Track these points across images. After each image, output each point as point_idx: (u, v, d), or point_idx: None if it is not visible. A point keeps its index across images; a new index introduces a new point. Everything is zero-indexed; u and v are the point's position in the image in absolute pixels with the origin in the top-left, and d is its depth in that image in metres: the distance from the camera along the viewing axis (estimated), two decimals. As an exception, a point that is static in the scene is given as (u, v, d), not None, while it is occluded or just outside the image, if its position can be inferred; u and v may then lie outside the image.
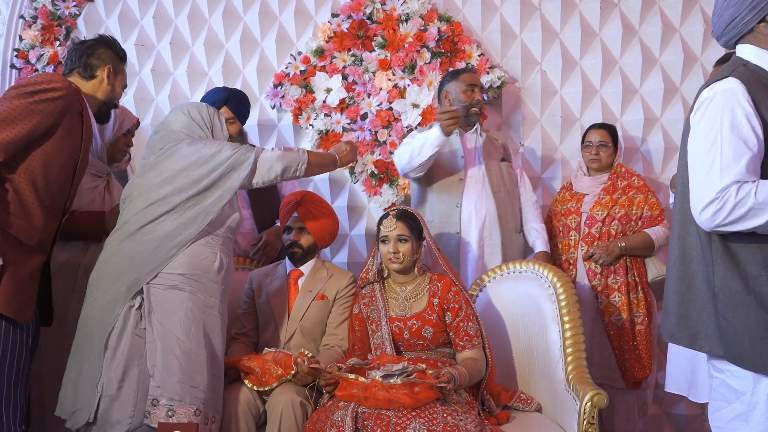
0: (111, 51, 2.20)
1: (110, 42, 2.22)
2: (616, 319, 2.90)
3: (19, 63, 3.62)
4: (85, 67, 2.14)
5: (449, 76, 3.02)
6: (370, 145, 3.37)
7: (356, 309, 2.46)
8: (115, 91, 2.21)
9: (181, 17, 3.60)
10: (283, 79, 3.44)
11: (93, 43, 2.18)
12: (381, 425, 1.94)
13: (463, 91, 2.93)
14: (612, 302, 2.91)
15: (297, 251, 2.56)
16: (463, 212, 2.88)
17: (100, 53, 2.16)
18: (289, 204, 2.58)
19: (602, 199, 3.00)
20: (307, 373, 2.20)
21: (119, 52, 2.23)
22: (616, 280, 2.92)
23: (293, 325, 2.48)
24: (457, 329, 2.31)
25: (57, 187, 1.93)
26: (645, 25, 3.54)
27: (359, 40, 3.40)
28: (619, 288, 2.91)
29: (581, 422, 2.11)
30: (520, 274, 2.60)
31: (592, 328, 2.92)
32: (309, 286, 2.54)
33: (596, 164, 3.08)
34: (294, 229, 2.56)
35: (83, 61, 2.14)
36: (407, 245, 2.35)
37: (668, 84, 3.50)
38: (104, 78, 2.16)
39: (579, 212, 3.04)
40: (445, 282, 2.37)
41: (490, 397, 2.31)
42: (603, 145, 3.06)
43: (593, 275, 2.95)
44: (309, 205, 2.57)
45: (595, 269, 2.95)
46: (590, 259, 2.95)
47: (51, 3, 3.61)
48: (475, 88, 2.93)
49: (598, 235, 2.96)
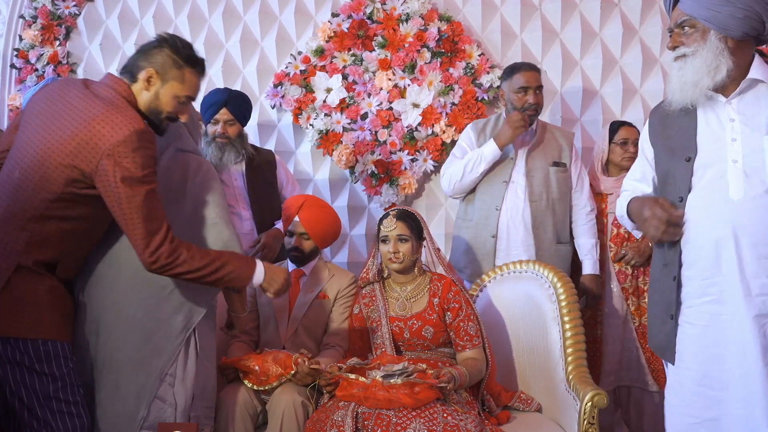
0: (168, 52, 1.84)
1: (172, 42, 1.86)
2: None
3: (19, 63, 3.62)
4: (132, 66, 1.84)
5: (505, 73, 2.92)
6: (370, 145, 3.37)
7: (356, 309, 2.46)
8: (160, 100, 1.84)
9: (181, 17, 3.60)
10: (283, 78, 3.44)
11: (154, 41, 1.86)
12: (381, 425, 1.94)
13: (515, 92, 2.84)
14: (643, 304, 2.85)
15: (299, 255, 2.57)
16: (502, 216, 2.82)
17: (152, 53, 1.83)
18: (291, 208, 2.58)
19: None
20: (307, 373, 2.20)
21: (181, 54, 1.86)
22: (646, 281, 2.85)
23: (294, 324, 2.49)
24: (458, 329, 2.31)
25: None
26: (645, 25, 3.54)
27: (359, 39, 3.40)
28: (648, 289, 2.86)
29: (581, 422, 2.11)
30: (521, 274, 2.60)
31: (623, 330, 2.88)
32: (310, 286, 2.55)
33: (630, 162, 2.88)
34: (296, 234, 2.56)
35: (134, 59, 1.85)
36: (407, 245, 2.35)
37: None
38: (142, 82, 1.82)
39: (606, 213, 2.97)
40: (445, 282, 2.37)
41: (490, 397, 2.31)
42: (636, 143, 2.92)
43: (624, 277, 2.89)
44: (311, 210, 2.55)
45: (625, 270, 2.89)
46: (621, 260, 2.88)
47: (51, 3, 3.61)
48: (529, 90, 2.82)
49: (627, 235, 2.88)
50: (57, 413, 1.72)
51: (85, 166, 1.70)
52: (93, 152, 1.69)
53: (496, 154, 2.77)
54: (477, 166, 2.79)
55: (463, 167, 2.82)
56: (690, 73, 1.75)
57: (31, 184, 1.73)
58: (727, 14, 1.71)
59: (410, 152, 3.35)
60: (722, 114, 1.78)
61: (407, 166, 3.34)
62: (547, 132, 2.96)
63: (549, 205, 2.84)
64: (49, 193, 1.73)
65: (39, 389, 1.72)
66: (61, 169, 1.71)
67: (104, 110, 1.73)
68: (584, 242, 2.89)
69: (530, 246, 2.82)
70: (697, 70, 1.74)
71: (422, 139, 3.36)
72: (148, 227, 1.73)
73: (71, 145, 1.71)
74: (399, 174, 3.35)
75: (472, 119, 3.30)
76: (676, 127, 1.85)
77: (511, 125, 2.76)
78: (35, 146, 1.75)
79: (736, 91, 1.76)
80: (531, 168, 2.85)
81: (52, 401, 1.72)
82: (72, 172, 1.71)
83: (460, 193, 2.91)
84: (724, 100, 1.78)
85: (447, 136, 3.33)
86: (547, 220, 2.84)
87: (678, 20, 1.80)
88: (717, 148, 1.76)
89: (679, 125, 1.84)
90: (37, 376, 1.72)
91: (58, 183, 1.72)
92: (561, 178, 2.88)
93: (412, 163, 3.35)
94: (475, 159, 2.80)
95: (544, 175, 2.85)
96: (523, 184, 2.84)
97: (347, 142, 3.37)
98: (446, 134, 3.33)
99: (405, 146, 3.35)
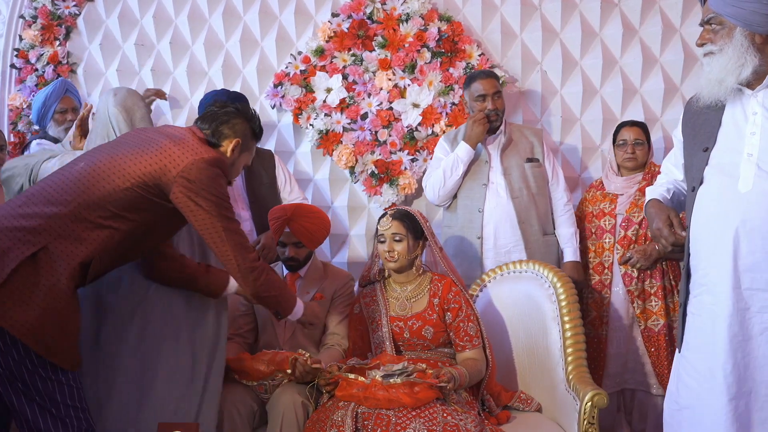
0: (248, 125, 2.02)
1: (250, 116, 2.05)
2: (654, 324, 2.82)
3: (19, 63, 3.61)
4: (214, 133, 1.95)
5: (465, 82, 3.04)
6: (370, 145, 3.37)
7: (357, 308, 2.46)
8: (235, 167, 2.00)
9: (181, 17, 3.60)
10: (283, 78, 3.44)
11: (233, 111, 2.01)
12: (381, 425, 1.94)
13: (474, 100, 2.95)
14: (648, 307, 2.84)
15: (295, 264, 2.57)
16: (485, 218, 2.89)
17: (235, 123, 1.98)
18: (280, 220, 2.54)
19: (638, 201, 2.87)
20: (308, 371, 2.20)
21: (256, 128, 2.06)
22: (652, 284, 2.85)
23: (291, 326, 2.49)
24: (458, 330, 2.31)
25: None
26: (645, 25, 3.54)
27: (359, 39, 3.40)
28: (655, 292, 2.84)
29: (581, 422, 2.11)
30: (521, 274, 2.60)
31: (628, 333, 2.88)
32: (306, 288, 2.55)
33: (632, 163, 2.97)
34: (288, 245, 2.55)
35: (214, 126, 1.96)
36: (402, 244, 2.34)
37: (668, 84, 3.49)
38: (228, 150, 1.96)
39: (614, 214, 2.95)
40: (445, 282, 2.37)
41: (490, 397, 2.31)
42: (639, 143, 2.96)
43: (630, 280, 2.87)
44: (301, 220, 2.52)
45: (631, 273, 2.87)
46: (627, 263, 2.87)
47: (51, 3, 3.61)
48: (487, 97, 2.91)
49: (635, 237, 2.88)
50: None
51: (164, 179, 1.80)
52: (172, 169, 1.80)
53: (469, 152, 2.89)
54: (456, 169, 2.90)
55: (443, 173, 2.92)
56: (716, 71, 1.77)
57: (103, 175, 1.79)
58: (751, 10, 1.71)
59: (410, 152, 3.35)
60: (747, 106, 1.78)
61: (407, 166, 3.34)
62: (517, 132, 3.05)
63: (530, 199, 2.92)
64: (122, 181, 1.78)
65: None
66: (138, 175, 1.80)
67: (192, 141, 1.89)
68: (563, 232, 2.97)
69: (519, 241, 2.88)
70: (723, 68, 1.75)
71: (422, 139, 3.36)
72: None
73: (152, 160, 1.81)
74: (399, 174, 3.35)
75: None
76: (703, 117, 1.86)
77: (473, 122, 2.90)
78: (113, 153, 1.84)
79: (762, 84, 1.76)
80: (507, 167, 2.94)
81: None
82: (148, 179, 1.80)
83: (446, 200, 3.00)
84: (750, 93, 1.78)
85: (447, 136, 3.33)
86: (531, 213, 2.91)
87: (705, 17, 1.80)
88: (736, 141, 1.77)
89: (706, 116, 1.85)
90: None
91: (132, 179, 1.79)
92: (537, 173, 2.96)
93: (412, 163, 3.35)
94: (452, 162, 2.91)
95: (521, 171, 2.94)
96: (503, 183, 2.92)
97: (347, 142, 3.37)
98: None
99: (405, 146, 3.35)
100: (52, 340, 1.68)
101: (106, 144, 1.98)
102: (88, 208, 1.76)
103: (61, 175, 1.85)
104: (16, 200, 1.81)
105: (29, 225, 1.72)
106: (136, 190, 1.80)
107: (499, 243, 2.88)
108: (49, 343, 1.68)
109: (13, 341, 1.65)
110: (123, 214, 1.80)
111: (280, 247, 2.58)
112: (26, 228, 1.71)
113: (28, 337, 1.64)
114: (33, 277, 1.68)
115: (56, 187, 1.79)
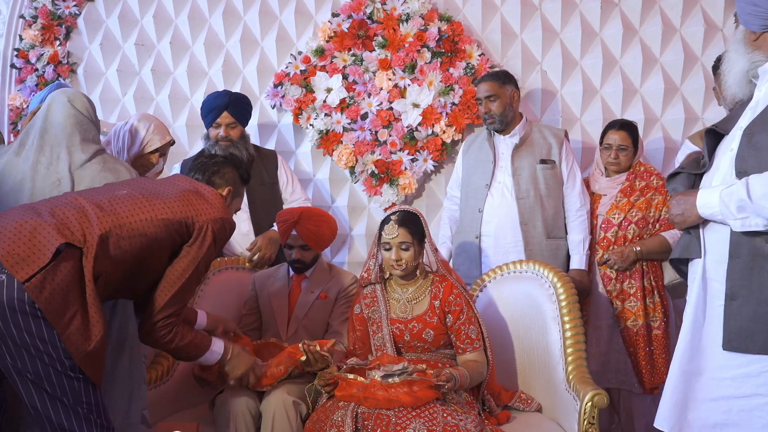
0: (236, 173, 2.16)
1: (238, 162, 2.21)
2: (632, 325, 2.84)
3: (19, 63, 3.62)
4: (208, 183, 2.09)
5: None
6: (370, 145, 3.37)
7: (357, 309, 2.45)
8: (229, 212, 2.13)
9: (181, 17, 3.60)
10: (283, 78, 3.44)
11: (222, 160, 2.16)
12: (381, 425, 1.94)
13: (477, 102, 3.01)
14: (627, 308, 2.85)
15: (301, 266, 2.57)
16: (485, 217, 2.89)
17: (225, 172, 2.13)
18: (287, 223, 2.54)
19: (619, 202, 2.90)
20: (317, 358, 2.20)
21: (244, 174, 2.19)
22: (631, 284, 2.86)
23: (294, 325, 2.51)
24: (458, 332, 2.30)
25: None
26: (645, 25, 3.54)
27: (359, 39, 3.40)
28: (634, 293, 2.85)
29: (581, 422, 2.10)
30: (521, 275, 2.60)
31: (609, 333, 2.88)
32: (311, 287, 2.57)
33: (615, 167, 2.97)
34: (295, 248, 2.55)
35: (207, 176, 2.10)
36: (409, 253, 2.30)
37: (668, 84, 3.49)
38: (225, 197, 2.11)
39: (595, 215, 2.96)
40: (446, 284, 2.36)
41: (490, 396, 2.31)
42: (623, 148, 2.92)
43: (608, 280, 2.88)
44: (307, 223, 2.52)
45: (609, 274, 2.88)
46: (605, 264, 2.89)
47: (51, 2, 3.61)
48: (483, 100, 2.92)
49: (614, 239, 2.88)
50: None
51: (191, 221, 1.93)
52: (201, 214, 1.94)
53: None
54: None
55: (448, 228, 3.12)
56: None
57: (149, 196, 1.91)
58: (740, 8, 1.79)
59: (410, 152, 3.35)
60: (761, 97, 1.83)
61: (407, 166, 3.34)
62: (537, 132, 3.00)
63: (537, 201, 2.90)
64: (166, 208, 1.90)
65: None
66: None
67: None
68: (572, 238, 2.94)
69: (519, 242, 2.87)
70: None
71: (422, 139, 3.36)
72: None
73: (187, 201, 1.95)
74: (399, 174, 3.35)
75: (472, 119, 3.33)
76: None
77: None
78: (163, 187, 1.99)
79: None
80: (517, 168, 2.92)
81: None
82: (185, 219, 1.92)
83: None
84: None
85: (447, 136, 3.33)
86: (536, 215, 2.89)
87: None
88: (741, 127, 1.80)
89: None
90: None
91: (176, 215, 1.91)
92: (549, 175, 2.92)
93: (412, 163, 3.35)
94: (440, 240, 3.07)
95: (531, 172, 2.91)
96: (510, 183, 2.91)
97: (347, 142, 3.37)
98: (446, 134, 3.33)
99: (405, 146, 3.35)
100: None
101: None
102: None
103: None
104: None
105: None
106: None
107: (499, 243, 2.89)
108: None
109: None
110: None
111: (286, 249, 2.58)
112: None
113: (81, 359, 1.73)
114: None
115: None
